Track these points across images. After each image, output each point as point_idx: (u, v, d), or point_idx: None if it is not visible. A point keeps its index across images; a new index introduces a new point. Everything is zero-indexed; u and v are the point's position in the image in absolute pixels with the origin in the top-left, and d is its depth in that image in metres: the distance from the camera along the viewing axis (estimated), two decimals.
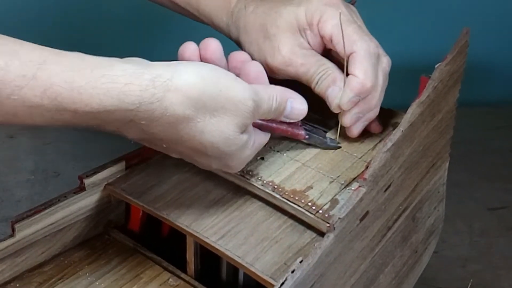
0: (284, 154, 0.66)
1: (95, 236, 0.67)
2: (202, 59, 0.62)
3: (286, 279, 0.52)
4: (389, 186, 0.62)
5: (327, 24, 0.66)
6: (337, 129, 0.68)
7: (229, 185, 0.64)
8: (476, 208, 1.09)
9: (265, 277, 0.56)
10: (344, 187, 0.62)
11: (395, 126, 0.69)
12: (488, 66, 1.29)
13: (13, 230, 0.60)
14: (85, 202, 0.65)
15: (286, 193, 0.61)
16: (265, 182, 0.62)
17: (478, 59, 1.10)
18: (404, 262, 0.70)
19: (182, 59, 0.62)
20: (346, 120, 0.66)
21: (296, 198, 0.61)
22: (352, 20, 0.66)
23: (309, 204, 0.60)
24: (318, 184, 0.62)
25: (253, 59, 0.66)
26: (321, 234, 0.59)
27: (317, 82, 0.66)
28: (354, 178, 0.63)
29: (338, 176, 0.63)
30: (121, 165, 0.67)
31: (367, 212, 0.59)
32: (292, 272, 0.53)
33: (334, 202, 0.61)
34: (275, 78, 0.67)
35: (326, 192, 0.62)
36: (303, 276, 0.53)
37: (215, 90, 0.55)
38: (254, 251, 0.58)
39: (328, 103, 0.66)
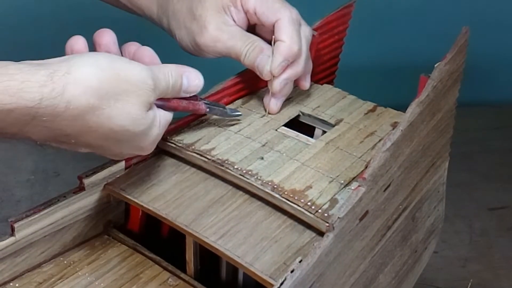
0: (284, 154, 0.66)
1: (94, 236, 0.67)
2: (95, 48, 0.64)
3: (285, 279, 0.52)
4: (389, 185, 0.62)
5: (250, 0, 0.70)
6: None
7: (229, 185, 0.64)
8: (476, 208, 1.09)
9: (264, 277, 0.56)
10: (344, 187, 0.62)
11: (394, 125, 0.69)
12: (488, 66, 1.29)
13: (13, 230, 0.60)
14: (85, 202, 0.65)
15: (286, 192, 0.61)
16: (264, 181, 0.62)
17: (478, 58, 1.09)
18: (403, 262, 0.70)
19: (71, 52, 0.62)
20: (275, 86, 0.70)
21: (296, 197, 0.61)
22: None
23: (309, 203, 0.60)
24: (317, 183, 0.62)
25: (183, 42, 0.72)
26: (321, 233, 0.59)
27: (245, 55, 0.70)
28: (354, 178, 0.63)
29: (338, 176, 0.63)
30: (120, 165, 0.67)
31: (367, 212, 0.59)
32: (292, 271, 0.53)
33: (333, 201, 0.61)
34: (206, 57, 0.72)
35: (325, 192, 0.62)
36: (303, 276, 0.53)
37: (114, 75, 0.56)
38: (253, 250, 0.58)
39: (258, 72, 0.70)
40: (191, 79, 0.64)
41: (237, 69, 0.74)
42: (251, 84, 0.75)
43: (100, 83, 0.55)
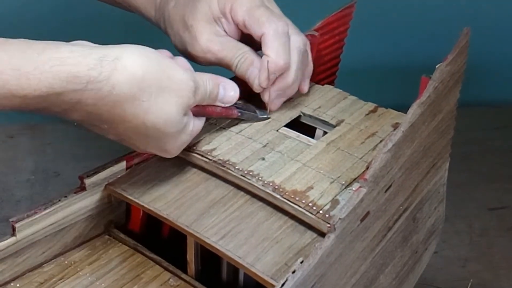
0: (285, 155, 0.66)
1: (95, 236, 0.67)
2: None
3: (286, 280, 0.52)
4: (390, 186, 0.62)
5: (238, 11, 0.70)
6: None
7: (230, 185, 0.64)
8: (476, 208, 1.09)
9: (265, 278, 0.56)
10: (345, 188, 0.62)
11: (395, 126, 0.69)
12: (488, 66, 1.29)
13: (14, 230, 0.60)
14: (86, 202, 0.65)
15: (287, 193, 0.61)
16: (265, 182, 0.62)
17: (479, 59, 1.09)
18: (404, 263, 0.70)
19: None
20: (266, 98, 0.70)
21: (297, 198, 0.61)
22: (260, 4, 0.70)
23: (310, 204, 0.60)
24: (318, 184, 0.62)
25: (177, 48, 0.73)
26: (322, 234, 0.59)
27: (236, 66, 0.70)
28: (355, 179, 0.63)
29: (339, 177, 0.63)
30: (121, 165, 0.67)
31: (368, 213, 0.59)
32: (293, 272, 0.53)
33: (334, 202, 0.61)
34: (200, 65, 0.72)
35: (326, 193, 0.62)
36: (304, 277, 0.53)
37: (159, 69, 0.57)
38: (254, 251, 0.58)
39: (249, 84, 0.70)
40: (228, 90, 0.65)
41: None
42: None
43: (145, 74, 0.56)
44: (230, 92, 0.65)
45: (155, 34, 0.80)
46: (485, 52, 1.21)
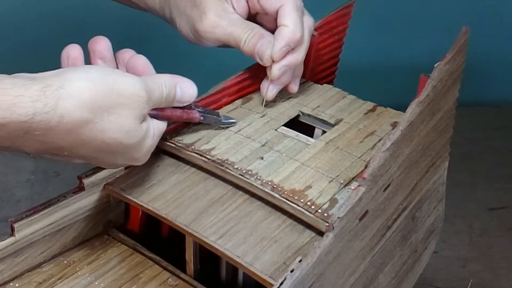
0: (283, 154, 0.66)
1: (94, 236, 0.67)
2: (90, 55, 0.64)
3: (285, 279, 0.52)
4: (389, 185, 0.62)
5: None
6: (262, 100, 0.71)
7: (228, 185, 0.64)
8: (476, 208, 1.09)
9: (264, 277, 0.56)
10: (344, 187, 0.62)
11: (394, 125, 0.69)
12: (488, 66, 1.29)
13: (13, 230, 0.60)
14: (85, 202, 0.65)
15: (285, 192, 0.61)
16: (264, 181, 0.62)
17: (479, 59, 1.09)
18: (403, 262, 0.70)
19: (68, 59, 0.63)
20: (274, 72, 0.69)
21: (295, 197, 0.61)
22: None
23: (308, 203, 0.60)
24: (317, 183, 0.62)
25: (183, 30, 0.72)
26: (320, 233, 0.59)
27: (245, 41, 0.70)
28: (354, 178, 0.63)
29: (338, 176, 0.63)
30: None
31: (367, 212, 0.59)
32: (292, 271, 0.53)
33: (333, 201, 0.61)
34: (206, 45, 0.72)
35: (325, 192, 0.62)
36: (302, 276, 0.53)
37: (107, 88, 0.56)
38: (253, 250, 0.58)
39: (258, 59, 0.69)
40: (185, 89, 0.63)
41: (236, 70, 0.74)
42: (251, 84, 0.75)
43: (93, 97, 0.55)
44: (188, 91, 0.64)
45: (155, 34, 0.81)
46: (485, 52, 1.21)
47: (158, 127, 0.62)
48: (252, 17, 0.73)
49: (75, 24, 1.19)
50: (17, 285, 0.62)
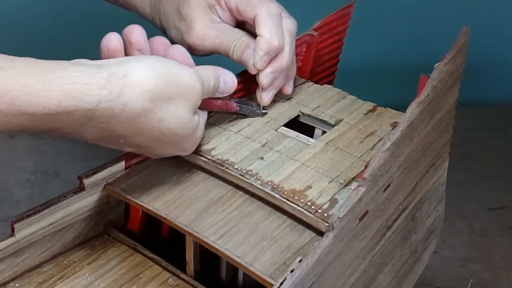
0: (284, 154, 0.66)
1: (94, 236, 0.67)
2: (126, 46, 0.65)
3: (285, 279, 0.52)
4: (389, 185, 0.62)
5: None
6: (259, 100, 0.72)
7: (228, 185, 0.64)
8: (476, 208, 1.09)
9: (264, 277, 0.56)
10: (344, 187, 0.62)
11: (394, 125, 0.69)
12: (488, 66, 1.29)
13: (13, 230, 0.60)
14: (85, 202, 0.65)
15: (286, 192, 0.61)
16: (264, 181, 0.62)
17: (479, 59, 1.09)
18: (403, 262, 0.70)
19: (107, 51, 0.64)
20: (263, 80, 0.70)
21: (296, 197, 0.61)
22: None
23: (309, 203, 0.60)
24: (317, 183, 0.62)
25: (173, 42, 0.71)
26: (320, 233, 0.59)
27: (233, 50, 0.71)
28: (354, 178, 0.63)
29: (338, 176, 0.63)
30: (120, 165, 0.67)
31: (367, 212, 0.59)
32: (292, 271, 0.53)
33: (333, 201, 0.61)
34: (197, 55, 0.72)
35: (325, 192, 0.62)
36: (302, 276, 0.53)
37: (168, 79, 0.57)
38: (253, 250, 0.58)
39: (245, 66, 0.70)
40: (227, 81, 0.65)
41: (236, 70, 0.75)
42: (251, 85, 0.75)
43: (155, 86, 0.56)
44: (229, 83, 0.66)
45: (155, 34, 0.81)
46: (485, 52, 1.21)
47: (204, 117, 0.64)
48: (240, 24, 0.74)
49: (75, 25, 1.19)
50: (17, 285, 0.62)
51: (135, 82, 0.55)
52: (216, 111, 0.69)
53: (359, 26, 0.86)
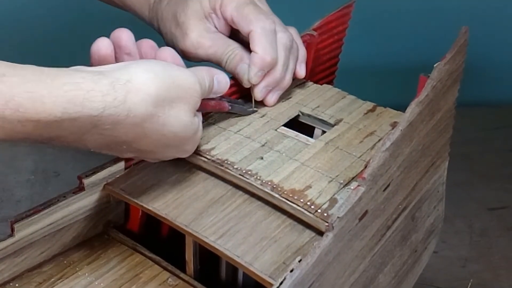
0: (283, 154, 0.66)
1: (94, 236, 0.67)
2: (115, 50, 0.64)
3: (285, 278, 0.52)
4: (388, 185, 0.62)
5: (227, 8, 0.72)
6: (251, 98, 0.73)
7: (228, 185, 0.64)
8: (476, 208, 1.09)
9: (264, 277, 0.56)
10: (343, 187, 0.62)
11: (394, 125, 0.69)
12: (488, 66, 1.29)
13: (12, 230, 0.60)
14: (84, 202, 0.65)
15: (285, 192, 0.61)
16: (264, 181, 0.62)
17: (479, 59, 1.09)
18: (403, 262, 0.70)
19: (98, 56, 0.63)
20: (257, 94, 0.72)
21: (295, 197, 0.61)
22: (248, 1, 0.72)
23: (308, 203, 0.60)
24: (317, 183, 0.62)
25: (169, 45, 0.73)
26: (320, 233, 0.59)
27: (226, 61, 0.72)
28: (353, 178, 0.63)
29: (337, 176, 0.63)
30: (120, 165, 0.67)
31: (366, 211, 0.59)
32: (291, 271, 0.53)
33: (333, 201, 0.61)
34: (190, 61, 0.72)
35: (325, 192, 0.62)
36: (302, 276, 0.53)
37: (169, 82, 0.57)
38: (253, 250, 0.58)
39: (239, 80, 0.72)
40: (220, 81, 0.65)
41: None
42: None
43: (157, 90, 0.56)
44: (222, 82, 0.66)
45: (155, 34, 0.81)
46: (485, 52, 1.21)
47: (200, 119, 0.63)
48: (233, 33, 0.74)
49: (75, 25, 1.19)
50: (17, 285, 0.62)
51: (139, 87, 0.55)
52: (210, 111, 0.70)
53: (359, 26, 0.86)
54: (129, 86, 0.55)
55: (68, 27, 1.18)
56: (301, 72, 0.75)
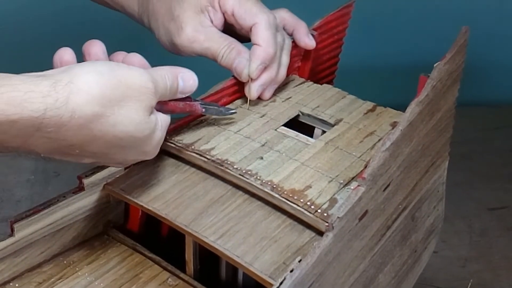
0: (283, 154, 0.66)
1: (94, 236, 0.67)
2: (85, 58, 0.64)
3: (285, 279, 0.52)
4: (388, 185, 0.62)
5: (228, 1, 0.72)
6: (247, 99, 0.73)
7: (228, 185, 0.64)
8: (476, 208, 1.09)
9: (264, 277, 0.56)
10: (343, 186, 0.62)
11: (394, 125, 0.69)
12: (488, 66, 1.29)
13: (12, 230, 0.60)
14: (84, 202, 0.65)
15: (285, 192, 0.61)
16: (264, 181, 0.62)
17: (479, 59, 1.09)
18: (403, 262, 0.70)
19: (60, 64, 0.62)
20: (253, 92, 0.72)
21: (295, 197, 0.61)
22: None
23: (308, 203, 0.60)
24: (317, 183, 0.62)
25: (161, 41, 0.74)
26: (320, 233, 0.59)
27: (222, 56, 0.72)
28: (353, 177, 0.63)
29: (337, 176, 0.63)
30: None
31: (366, 211, 0.59)
32: (291, 271, 0.53)
33: (333, 201, 0.61)
34: (184, 56, 0.73)
35: (325, 192, 0.62)
36: (302, 276, 0.53)
37: (115, 81, 0.56)
38: (253, 250, 0.58)
39: (236, 74, 0.71)
40: (186, 80, 0.64)
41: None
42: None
43: (102, 90, 0.55)
44: (189, 81, 0.64)
45: (153, 35, 0.81)
46: (485, 52, 1.21)
47: (165, 119, 0.62)
48: (228, 26, 0.74)
49: (75, 25, 1.19)
50: (17, 285, 0.62)
51: (81, 87, 0.54)
52: (180, 113, 0.67)
53: (359, 26, 0.86)
54: (71, 87, 0.53)
55: (68, 28, 1.18)
56: (311, 42, 0.76)
